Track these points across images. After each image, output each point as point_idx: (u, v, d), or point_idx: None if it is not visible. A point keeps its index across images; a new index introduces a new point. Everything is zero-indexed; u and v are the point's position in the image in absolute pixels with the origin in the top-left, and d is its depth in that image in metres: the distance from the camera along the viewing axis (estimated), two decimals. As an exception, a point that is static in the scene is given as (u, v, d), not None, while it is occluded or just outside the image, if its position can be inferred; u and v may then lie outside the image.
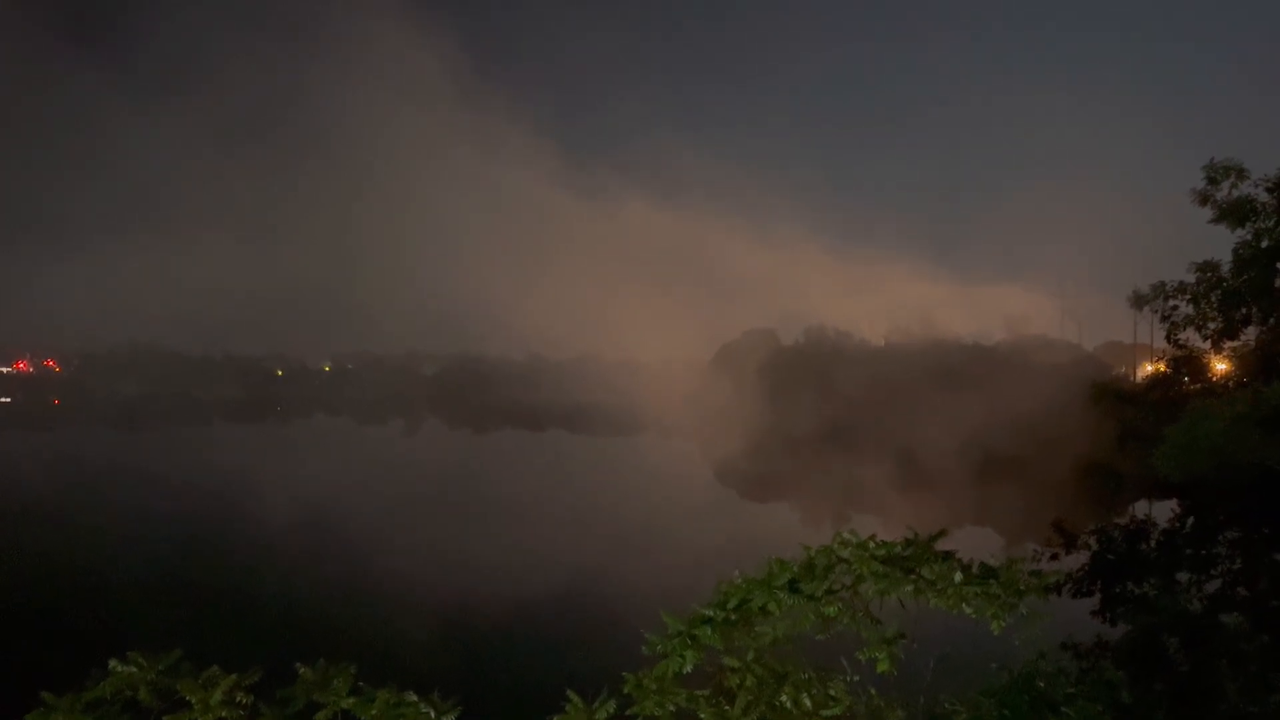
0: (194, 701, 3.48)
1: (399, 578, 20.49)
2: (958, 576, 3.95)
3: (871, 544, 4.10)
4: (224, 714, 3.48)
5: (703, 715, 3.89)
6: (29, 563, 22.16)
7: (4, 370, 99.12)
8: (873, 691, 4.38)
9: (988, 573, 4.02)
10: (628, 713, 3.86)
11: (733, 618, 4.09)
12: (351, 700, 3.58)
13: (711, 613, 4.05)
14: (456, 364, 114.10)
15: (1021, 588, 3.95)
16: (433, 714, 3.60)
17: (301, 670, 3.68)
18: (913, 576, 4.01)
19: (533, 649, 15.73)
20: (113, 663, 3.56)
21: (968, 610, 3.91)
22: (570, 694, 3.85)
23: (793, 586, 4.09)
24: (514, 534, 27.68)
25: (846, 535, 4.12)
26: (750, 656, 4.06)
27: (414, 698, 3.62)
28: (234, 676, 3.56)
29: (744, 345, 76.31)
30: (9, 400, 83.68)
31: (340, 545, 24.75)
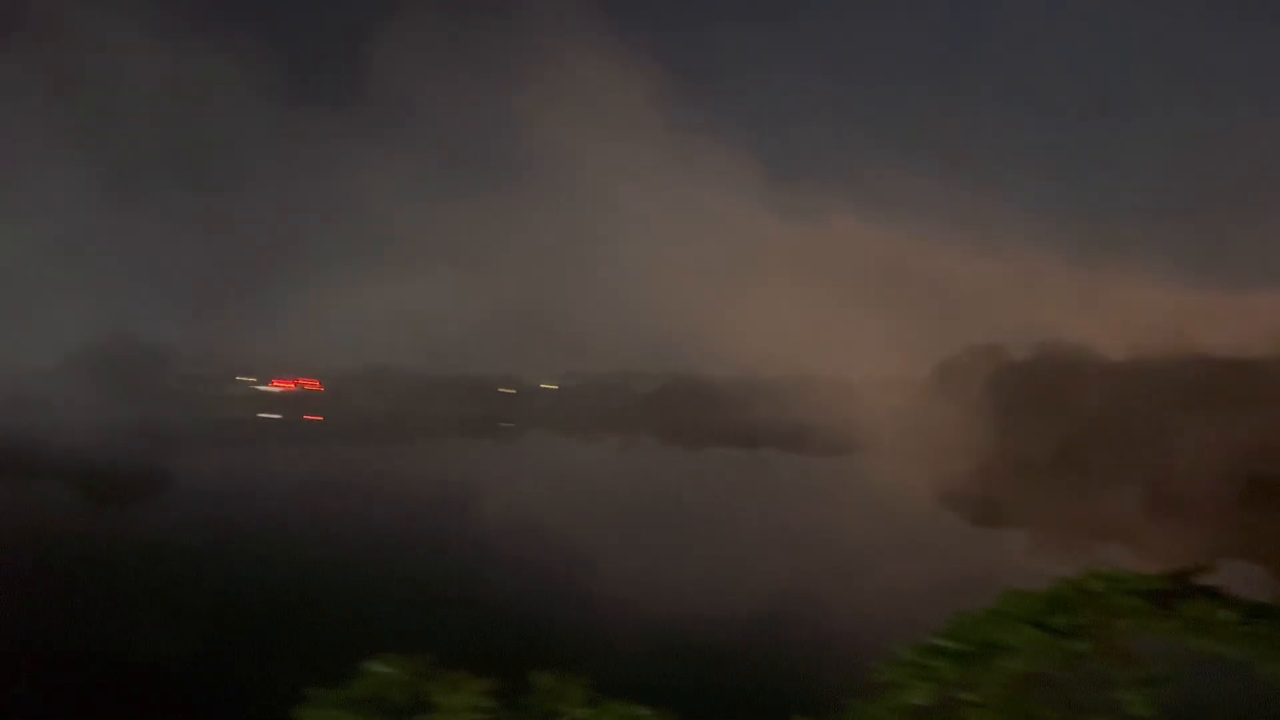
0: (441, 704, 3.71)
1: (616, 591, 21.00)
2: (1223, 615, 3.59)
3: (1126, 577, 3.78)
4: (470, 717, 3.68)
5: (937, 750, 3.71)
6: (296, 565, 24.54)
7: (273, 390, 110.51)
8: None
9: (1259, 611, 3.62)
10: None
11: (969, 650, 3.87)
12: (586, 711, 3.69)
13: (946, 644, 3.86)
14: (669, 383, 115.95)
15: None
16: (662, 728, 3.65)
17: (538, 679, 3.83)
18: (1172, 613, 3.67)
19: (751, 669, 15.61)
20: (369, 663, 3.86)
21: (1235, 653, 3.54)
22: (795, 719, 3.79)
23: (1038, 620, 3.83)
24: (728, 551, 27.70)
25: (1097, 567, 3.82)
26: (991, 692, 3.82)
27: (647, 712, 3.69)
28: (478, 681, 3.76)
29: (967, 362, 72.61)
30: (279, 417, 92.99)
31: (563, 557, 25.69)
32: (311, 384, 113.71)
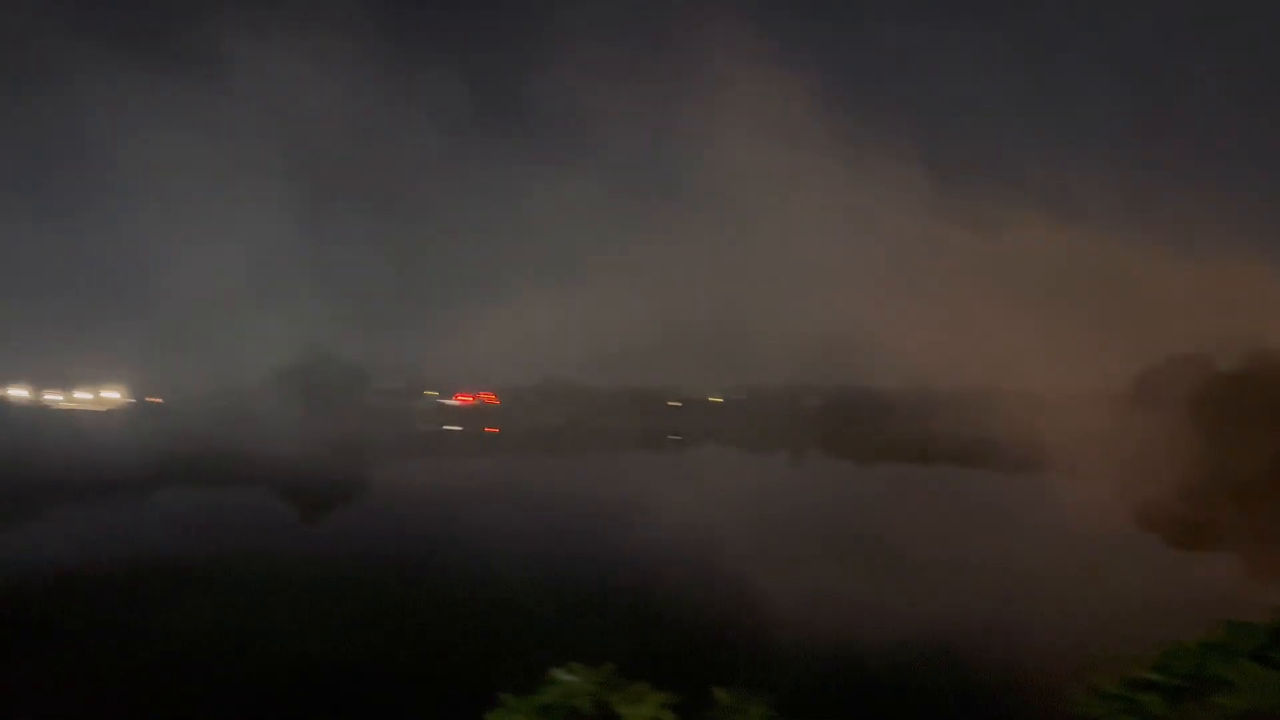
0: (625, 715, 3.80)
1: (788, 608, 20.73)
2: None
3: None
4: (651, 729, 3.76)
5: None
6: (480, 572, 25.68)
7: (455, 403, 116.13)
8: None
9: None
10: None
11: (1181, 685, 3.60)
12: (767, 729, 3.69)
13: (1156, 677, 3.60)
14: (840, 395, 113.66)
15: None
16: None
17: (719, 694, 3.86)
18: None
19: (937, 697, 15.02)
20: (556, 671, 4.00)
21: None
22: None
23: (1260, 654, 3.52)
24: (906, 571, 26.76)
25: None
26: (1208, 733, 3.54)
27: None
28: (660, 695, 3.83)
29: (1168, 373, 67.40)
30: (460, 429, 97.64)
31: (733, 571, 25.60)
32: (489, 397, 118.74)
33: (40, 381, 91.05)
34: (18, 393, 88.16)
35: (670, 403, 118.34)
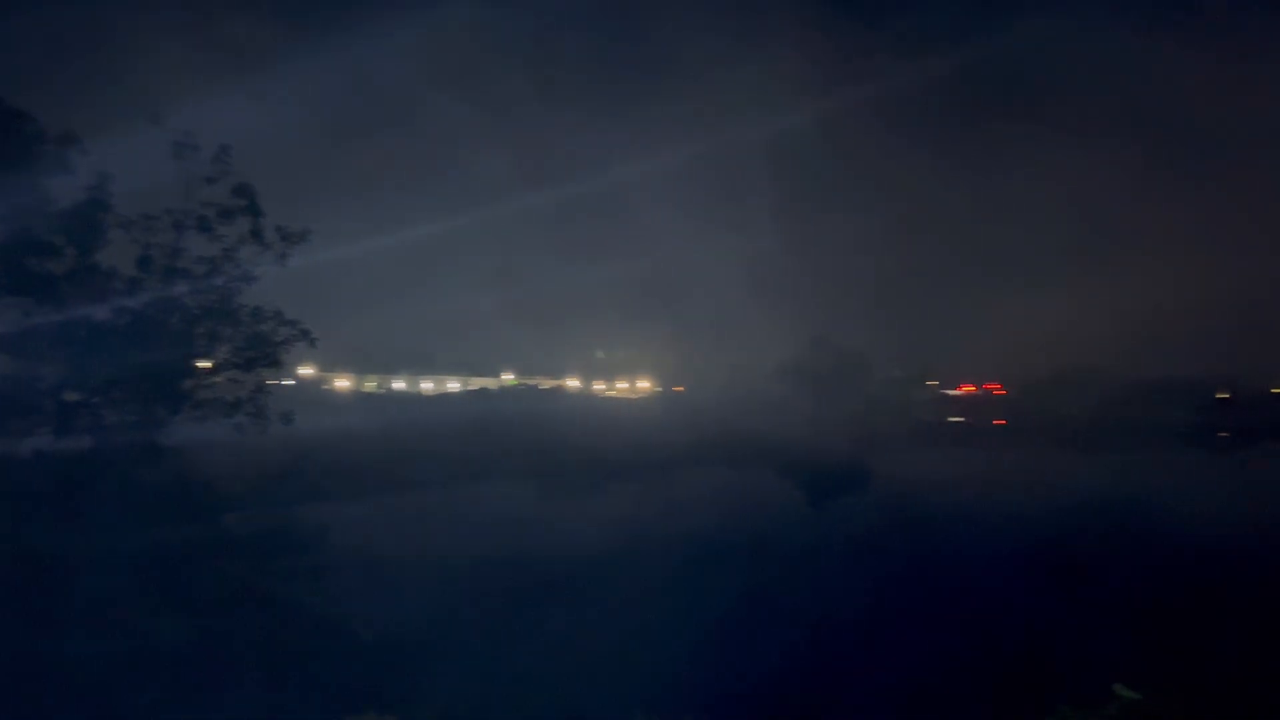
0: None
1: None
2: None
3: None
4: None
5: None
6: (994, 568, 24.54)
7: (956, 393, 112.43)
8: None
9: None
10: None
11: None
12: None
13: None
14: None
15: None
16: None
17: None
18: None
19: None
20: (1118, 687, 3.69)
21: None
22: None
23: None
24: None
25: None
26: None
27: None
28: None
29: None
30: (962, 419, 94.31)
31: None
32: (995, 387, 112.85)
33: (589, 373, 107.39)
34: (572, 382, 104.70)
35: (1219, 394, 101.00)
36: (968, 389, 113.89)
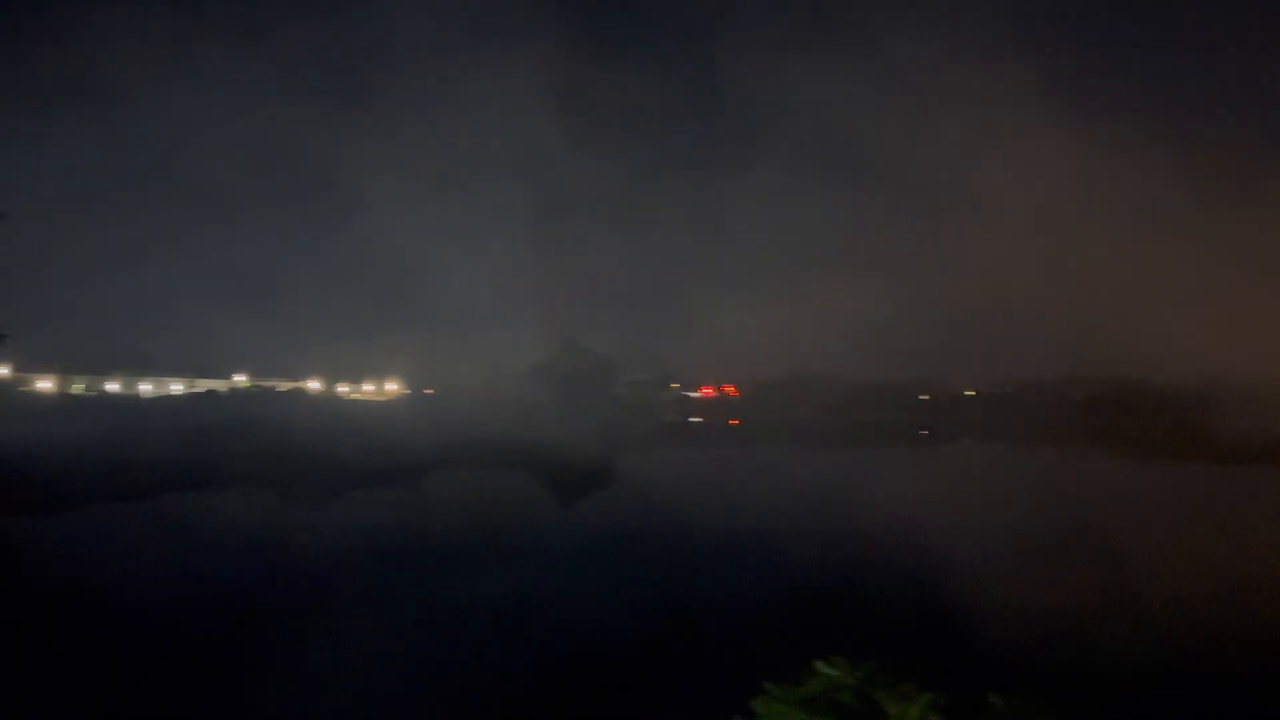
0: (893, 714, 3.67)
1: (1070, 615, 19.29)
2: None
3: None
4: (920, 730, 3.61)
5: None
6: (725, 560, 26.00)
7: (697, 395, 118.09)
8: None
9: None
10: None
11: None
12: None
13: None
14: (1112, 388, 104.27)
15: None
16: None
17: (994, 700, 3.65)
18: None
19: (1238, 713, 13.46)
20: (819, 664, 3.94)
21: None
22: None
23: None
24: (1216, 585, 24.01)
25: None
26: None
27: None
28: (928, 695, 3.67)
29: None
30: (702, 420, 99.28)
31: (1006, 573, 24.16)
32: (730, 390, 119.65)
33: (332, 375, 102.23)
34: (314, 385, 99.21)
35: (921, 397, 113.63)
36: (707, 391, 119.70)
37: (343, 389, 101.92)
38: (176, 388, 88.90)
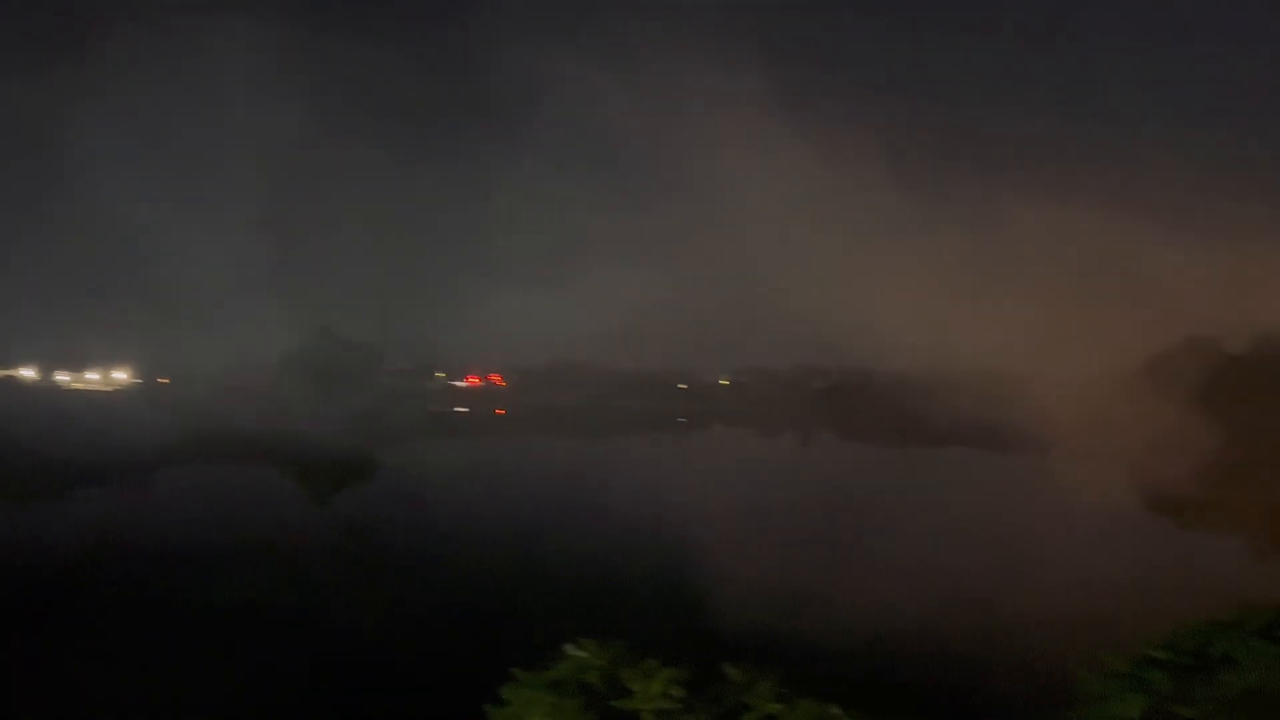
0: (637, 690, 3.85)
1: (802, 588, 20.84)
2: None
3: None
4: (662, 705, 3.80)
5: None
6: (487, 551, 25.84)
7: (463, 385, 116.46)
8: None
9: None
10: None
11: (1187, 663, 3.62)
12: (776, 706, 3.73)
13: (1162, 655, 3.63)
14: (847, 377, 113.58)
15: None
16: (855, 728, 3.65)
17: (729, 671, 3.90)
18: None
19: (945, 676, 15.10)
20: (567, 647, 4.05)
21: None
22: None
23: (1268, 633, 3.54)
24: (919, 552, 26.80)
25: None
26: (1211, 708, 3.56)
27: (837, 710, 3.69)
28: (670, 670, 3.88)
29: (1178, 357, 67.19)
30: (466, 410, 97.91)
31: (747, 550, 25.72)
32: (496, 379, 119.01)
33: (50, 362, 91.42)
34: (27, 373, 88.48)
35: (679, 385, 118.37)
36: (473, 381, 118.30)
37: (62, 377, 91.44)
38: None
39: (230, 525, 30.87)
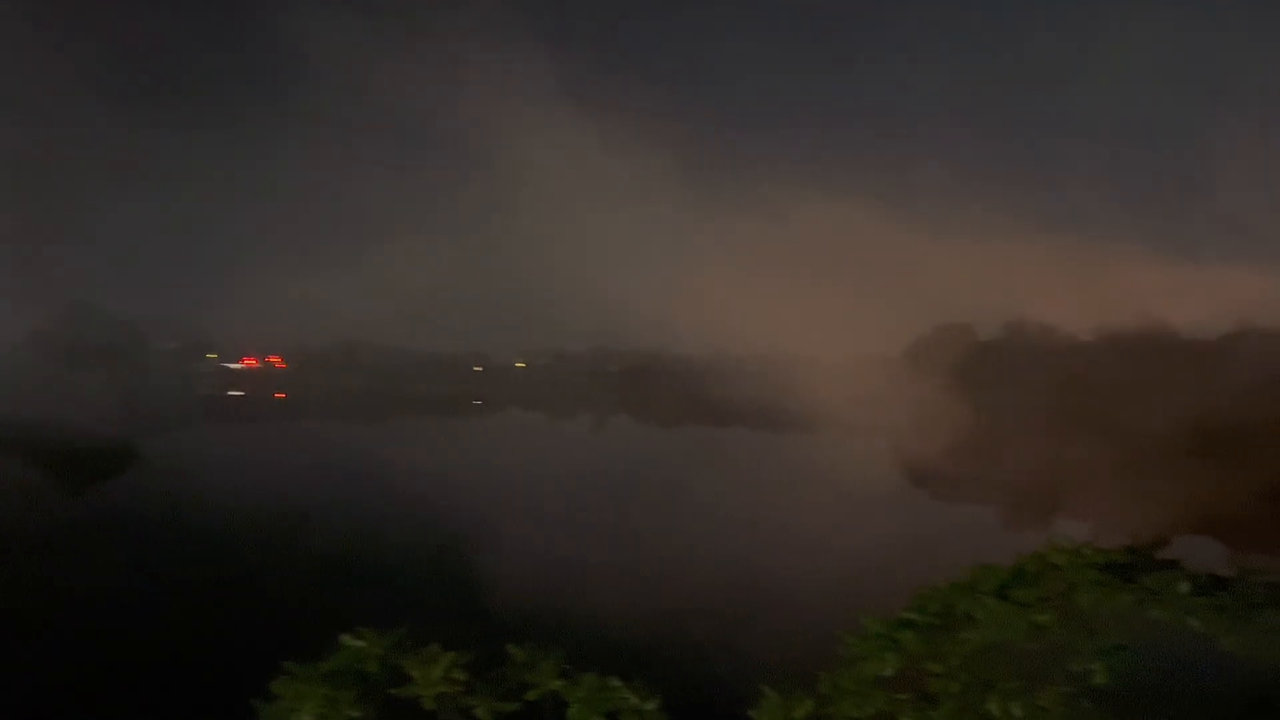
0: (416, 676, 3.75)
1: (586, 567, 21.15)
2: (1183, 587, 3.70)
3: (1087, 550, 3.88)
4: (443, 689, 3.73)
5: (904, 719, 3.80)
6: (264, 544, 24.42)
7: (239, 367, 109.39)
8: (1088, 705, 4.11)
9: (1217, 584, 3.75)
10: (824, 713, 3.84)
11: (934, 623, 3.97)
12: (560, 683, 3.75)
13: (913, 616, 3.95)
14: (640, 361, 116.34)
15: (1257, 600, 3.65)
16: (635, 700, 3.73)
17: (513, 651, 3.88)
18: (1133, 585, 3.78)
19: (723, 645, 15.80)
20: (345, 637, 3.88)
21: (1194, 624, 3.66)
22: (766, 690, 3.86)
23: (1001, 593, 3.93)
24: (697, 529, 27.92)
25: (1060, 541, 3.92)
26: (955, 663, 3.91)
27: (618, 683, 3.76)
28: (452, 655, 3.81)
29: (936, 341, 73.72)
30: (242, 394, 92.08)
31: (538, 533, 25.76)
32: (276, 361, 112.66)
33: None
34: None
35: (475, 368, 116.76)
36: (250, 362, 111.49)
37: None
38: None
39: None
